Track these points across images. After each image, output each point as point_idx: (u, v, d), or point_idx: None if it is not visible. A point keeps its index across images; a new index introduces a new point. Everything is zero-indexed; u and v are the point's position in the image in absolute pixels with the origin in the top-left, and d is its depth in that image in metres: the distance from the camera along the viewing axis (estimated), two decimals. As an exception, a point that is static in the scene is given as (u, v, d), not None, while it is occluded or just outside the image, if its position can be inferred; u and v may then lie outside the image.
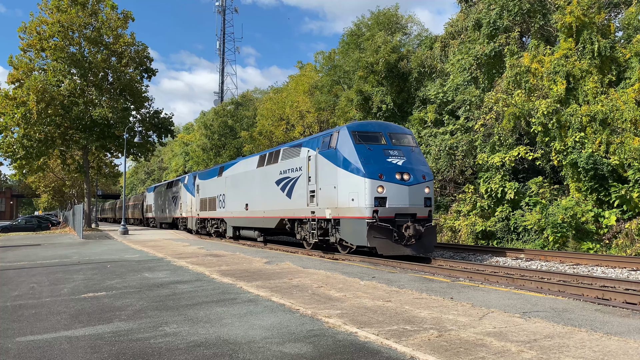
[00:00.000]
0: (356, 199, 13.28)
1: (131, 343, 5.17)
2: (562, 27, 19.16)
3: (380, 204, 13.07)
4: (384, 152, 13.74)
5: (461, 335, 5.28)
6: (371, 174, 13.10)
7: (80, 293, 8.44)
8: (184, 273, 10.89)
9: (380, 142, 14.04)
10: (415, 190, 13.51)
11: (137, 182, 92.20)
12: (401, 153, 13.89)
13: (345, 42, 34.68)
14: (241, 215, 21.36)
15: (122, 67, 34.12)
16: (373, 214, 12.97)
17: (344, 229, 13.97)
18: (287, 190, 17.01)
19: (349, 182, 13.56)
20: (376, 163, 13.37)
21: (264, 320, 6.07)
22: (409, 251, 13.21)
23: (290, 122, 39.07)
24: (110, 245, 20.94)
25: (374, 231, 12.92)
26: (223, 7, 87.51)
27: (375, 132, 14.30)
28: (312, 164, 15.39)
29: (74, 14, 31.66)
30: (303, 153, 16.24)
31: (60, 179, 56.38)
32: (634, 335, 5.31)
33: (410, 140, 14.75)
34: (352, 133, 13.97)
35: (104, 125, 32.46)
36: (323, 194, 14.75)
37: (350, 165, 13.55)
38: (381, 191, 13.08)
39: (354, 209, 13.40)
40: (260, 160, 20.10)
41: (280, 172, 17.60)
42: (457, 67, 23.53)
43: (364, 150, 13.58)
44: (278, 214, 17.82)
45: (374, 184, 13.02)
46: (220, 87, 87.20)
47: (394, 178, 13.27)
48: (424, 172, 13.95)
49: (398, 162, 13.60)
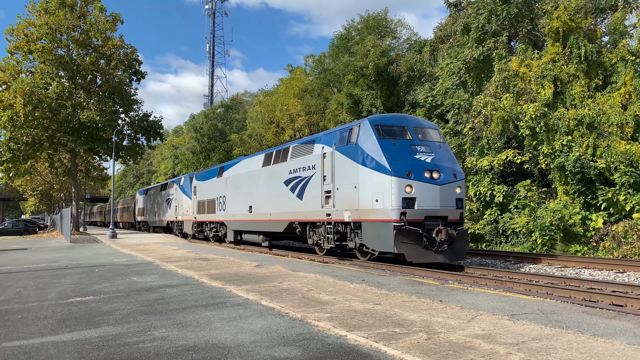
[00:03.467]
0: (381, 199, 12.05)
1: (119, 348, 5.13)
2: (550, 32, 19.38)
3: (408, 206, 11.84)
4: (411, 147, 12.44)
5: (450, 337, 5.31)
6: (398, 171, 11.84)
7: (68, 297, 8.36)
8: (172, 277, 10.83)
9: (406, 137, 12.76)
10: (447, 190, 12.29)
11: (126, 186, 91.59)
12: (429, 149, 12.63)
13: (335, 46, 34.78)
14: (244, 218, 20.16)
15: (110, 69, 33.87)
16: (400, 217, 11.74)
17: (366, 233, 12.73)
18: (297, 190, 15.77)
19: (372, 181, 12.33)
20: (403, 160, 12.08)
21: (253, 324, 6.05)
22: (440, 258, 11.93)
23: (281, 126, 39.05)
24: (99, 249, 20.76)
25: (402, 236, 11.66)
26: (213, 10, 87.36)
27: (400, 126, 13.05)
28: (328, 161, 14.16)
29: (62, 16, 31.39)
30: (317, 150, 14.91)
31: (48, 182, 55.85)
32: (620, 336, 5.37)
33: (437, 135, 13.51)
34: (375, 127, 12.71)
35: (93, 128, 32.17)
36: (341, 195, 13.55)
37: (374, 162, 12.29)
38: (409, 191, 11.84)
39: (378, 211, 12.19)
40: (266, 159, 18.74)
41: (290, 171, 16.32)
42: (446, 71, 23.67)
43: (388, 145, 12.31)
44: (287, 217, 16.57)
45: (401, 183, 11.79)
46: (210, 90, 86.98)
47: (423, 176, 12.02)
48: (455, 170, 12.74)
49: (426, 158, 12.31)
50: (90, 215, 78.55)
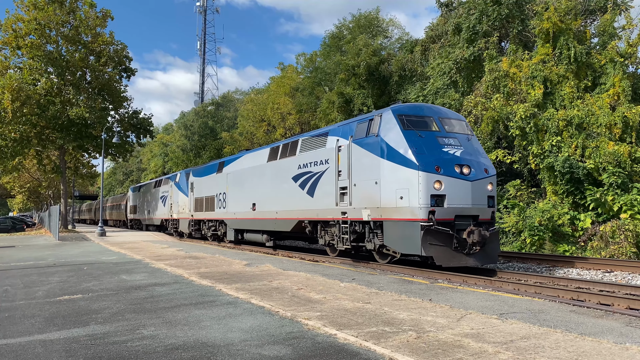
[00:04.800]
0: (406, 196, 11.03)
1: (107, 346, 5.09)
2: (540, 33, 19.52)
3: (437, 203, 10.83)
4: (438, 140, 11.45)
5: (439, 336, 5.33)
6: (426, 166, 10.83)
7: (56, 296, 8.29)
8: (162, 275, 10.77)
9: (431, 128, 11.75)
10: (478, 187, 11.32)
11: (116, 183, 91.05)
12: (457, 141, 11.66)
13: (327, 45, 34.78)
14: (246, 216, 19.09)
15: (100, 66, 33.59)
16: (429, 216, 10.73)
17: (388, 233, 11.69)
18: (308, 187, 14.81)
19: (396, 176, 11.32)
20: (431, 153, 11.09)
21: (243, 323, 6.04)
22: (471, 261, 10.96)
23: (272, 124, 39.00)
24: (87, 247, 20.61)
25: (431, 237, 10.65)
26: (204, 8, 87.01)
27: (425, 117, 12.01)
28: (344, 155, 13.16)
29: (52, 12, 31.07)
30: (330, 143, 13.92)
31: (36, 180, 55.30)
32: (607, 335, 5.42)
33: (464, 127, 12.52)
34: (399, 117, 11.71)
35: (82, 125, 31.91)
36: (359, 192, 12.52)
37: (399, 156, 11.26)
38: (438, 187, 10.83)
39: (403, 210, 11.16)
40: (271, 153, 17.63)
41: (299, 166, 15.36)
42: (437, 71, 23.76)
43: (414, 137, 11.31)
44: (296, 215, 15.54)
45: (429, 178, 10.78)
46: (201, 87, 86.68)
47: (453, 171, 11.03)
48: (486, 165, 11.80)
49: (456, 152, 11.34)
50: (80, 213, 77.93)
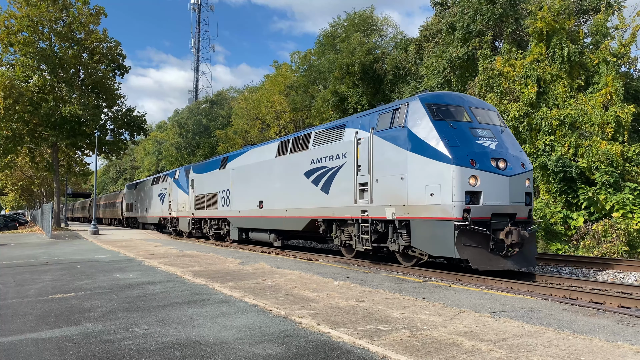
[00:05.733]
0: (438, 193, 10.13)
1: (100, 345, 5.07)
2: (534, 32, 19.59)
3: (472, 201, 9.96)
4: (471, 131, 10.59)
5: (433, 334, 5.34)
6: (460, 159, 9.94)
7: (48, 294, 8.25)
8: (155, 274, 10.74)
9: (463, 119, 10.89)
10: (516, 183, 10.47)
11: (109, 181, 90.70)
12: (491, 133, 10.80)
13: (322, 43, 34.77)
14: (252, 214, 18.13)
15: (93, 63, 33.43)
16: (463, 214, 9.83)
17: (417, 233, 10.75)
18: (322, 183, 13.92)
19: (426, 170, 10.42)
20: (464, 146, 10.21)
21: (236, 321, 6.03)
22: (509, 264, 10.10)
23: (266, 122, 38.95)
24: (80, 245, 20.51)
25: (466, 237, 9.78)
26: (198, 5, 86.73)
27: (456, 106, 11.15)
28: (364, 148, 12.22)
29: (44, 9, 30.87)
30: (348, 135, 13.00)
31: (29, 177, 55.01)
32: (599, 334, 5.46)
33: (497, 118, 11.69)
34: (428, 106, 10.82)
35: (75, 122, 31.73)
36: (382, 188, 11.59)
37: (429, 149, 10.36)
38: (474, 183, 9.94)
39: (433, 207, 10.24)
40: (281, 148, 16.63)
41: (312, 160, 14.46)
42: (431, 70, 23.80)
43: (445, 128, 10.42)
44: (308, 214, 14.63)
45: (464, 173, 9.89)
46: (195, 85, 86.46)
47: (489, 166, 10.15)
48: (522, 159, 10.95)
49: (490, 144, 10.50)
50: (73, 211, 77.55)
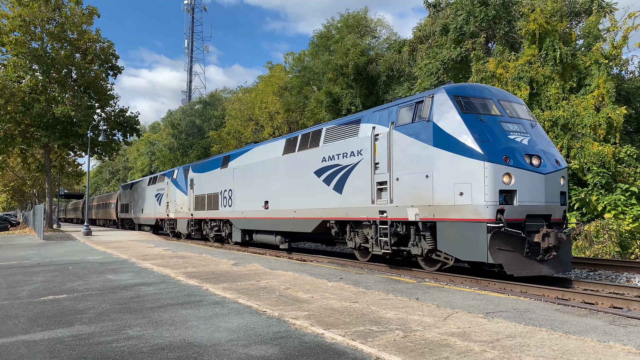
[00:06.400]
0: (468, 192, 9.40)
1: (92, 347, 5.04)
2: (526, 34, 19.68)
3: (506, 201, 9.24)
4: (502, 125, 9.86)
5: (426, 335, 5.35)
6: (493, 155, 9.19)
7: (40, 296, 8.19)
8: (148, 275, 10.70)
9: (492, 112, 10.14)
10: (551, 181, 9.75)
11: (102, 182, 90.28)
12: (522, 128, 10.09)
13: (315, 44, 34.75)
14: (257, 215, 17.40)
15: (86, 64, 33.26)
16: (497, 215, 9.09)
17: (444, 236, 10.00)
18: (335, 182, 13.20)
19: (455, 168, 9.69)
20: (496, 141, 9.49)
21: (230, 323, 6.02)
22: (545, 269, 9.36)
23: (260, 123, 38.90)
24: (73, 246, 20.40)
25: (500, 240, 9.03)
26: (192, 6, 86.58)
27: (485, 98, 10.41)
28: (382, 144, 11.46)
29: (37, 9, 30.69)
30: (364, 131, 12.26)
31: (21, 178, 54.65)
32: (591, 334, 5.49)
33: (526, 112, 10.93)
34: (455, 98, 10.10)
35: (67, 123, 31.56)
36: (403, 187, 10.84)
37: (458, 144, 9.62)
38: (508, 181, 9.21)
39: (463, 208, 9.49)
40: (288, 145, 15.92)
41: (324, 158, 13.76)
42: (424, 71, 23.84)
43: (475, 122, 9.72)
44: (319, 214, 13.88)
45: (497, 170, 9.14)
46: (189, 86, 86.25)
47: (524, 163, 9.42)
48: (556, 156, 10.18)
49: (523, 140, 9.78)
50: (66, 212, 77.10)
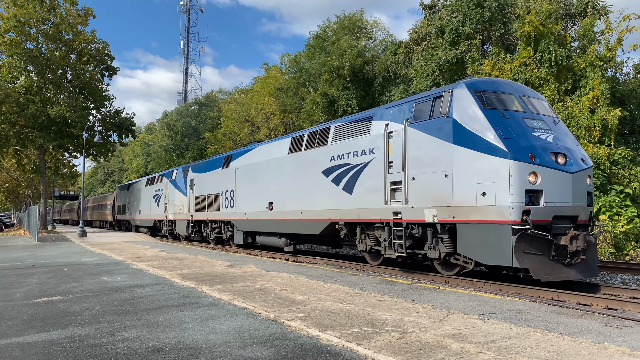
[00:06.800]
0: (491, 192, 8.90)
1: (87, 349, 5.02)
2: (522, 36, 19.76)
3: (531, 201, 8.74)
4: (525, 122, 9.42)
5: (422, 337, 5.35)
6: (518, 153, 8.70)
7: (34, 297, 8.15)
8: (143, 276, 10.66)
9: (514, 108, 9.69)
10: (578, 180, 9.27)
11: (97, 183, 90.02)
12: (545, 124, 9.61)
13: (311, 46, 34.78)
14: (260, 217, 16.87)
15: (81, 64, 33.16)
16: (523, 217, 8.60)
17: (465, 239, 9.52)
18: (344, 182, 12.71)
19: (477, 166, 9.20)
20: (521, 138, 9.00)
21: (225, 324, 6.00)
22: (573, 274, 8.88)
23: (256, 124, 38.89)
24: (67, 247, 20.31)
25: (525, 243, 8.52)
26: (188, 7, 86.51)
27: (506, 93, 9.97)
28: (397, 142, 10.98)
29: (32, 9, 30.59)
30: (376, 128, 11.74)
31: (15, 179, 54.46)
32: (586, 335, 5.50)
33: (548, 108, 10.45)
34: (476, 93, 9.66)
35: (62, 124, 31.46)
36: (419, 187, 10.34)
37: (480, 141, 9.15)
38: (534, 181, 8.71)
39: (486, 209, 9.00)
40: (293, 144, 15.41)
41: (332, 157, 13.26)
42: (420, 73, 23.90)
43: (498, 118, 9.25)
44: (327, 216, 13.40)
45: (523, 169, 8.65)
46: (184, 87, 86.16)
47: (550, 161, 8.93)
48: (582, 154, 9.72)
49: (547, 137, 9.30)
50: (61, 213, 76.81)
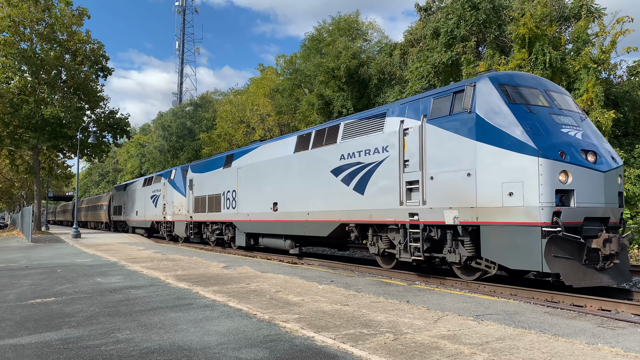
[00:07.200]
0: (519, 192, 8.35)
1: (81, 350, 4.99)
2: (516, 38, 19.83)
3: (562, 202, 8.23)
4: (553, 118, 8.91)
5: (416, 338, 5.36)
6: (548, 150, 8.18)
7: (28, 299, 8.11)
8: (138, 278, 10.63)
9: (539, 103, 9.18)
10: (610, 180, 8.77)
11: (91, 184, 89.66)
12: (573, 121, 9.12)
13: (307, 47, 34.79)
14: (264, 218, 16.35)
15: (76, 65, 33.05)
16: (553, 218, 8.04)
17: (489, 242, 8.94)
18: (356, 182, 12.20)
19: (503, 164, 8.66)
20: (550, 135, 8.50)
21: (220, 326, 5.99)
22: (605, 279, 8.29)
23: (251, 125, 38.86)
24: (61, 249, 20.22)
25: (556, 247, 7.96)
26: (183, 8, 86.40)
27: (531, 88, 9.46)
28: (413, 139, 10.46)
29: (26, 9, 30.47)
30: (391, 125, 11.23)
31: (9, 180, 54.10)
32: (580, 336, 5.52)
33: (574, 104, 9.93)
34: (500, 87, 9.17)
35: (56, 124, 31.34)
36: (438, 186, 9.83)
37: (507, 138, 8.62)
38: (564, 180, 8.21)
39: (513, 210, 8.44)
40: (300, 142, 14.86)
41: (342, 156, 12.73)
42: (415, 75, 23.94)
43: (524, 113, 8.75)
44: (337, 217, 12.88)
45: (554, 167, 8.14)
46: (180, 88, 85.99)
47: (581, 159, 8.41)
48: (611, 153, 9.21)
49: (576, 134, 8.81)
50: (55, 214, 76.46)
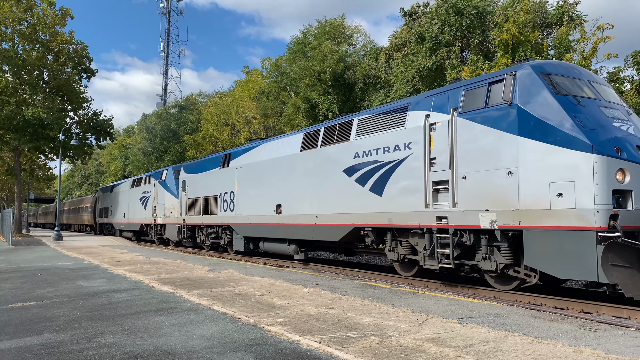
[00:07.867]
0: (570, 192, 7.48)
1: (62, 355, 4.92)
2: (500, 44, 20.07)
3: (619, 204, 7.40)
4: (602, 111, 8.10)
5: (401, 341, 5.38)
6: (602, 146, 7.34)
7: (8, 303, 7.97)
8: (121, 281, 10.51)
9: (585, 95, 8.33)
10: None
11: (74, 186, 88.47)
12: (621, 114, 8.34)
13: (293, 50, 34.81)
14: (266, 221, 15.42)
15: (59, 66, 32.61)
16: (610, 222, 7.19)
17: (534, 248, 8.03)
18: (372, 182, 11.29)
19: (550, 162, 7.78)
20: (602, 129, 7.67)
21: (204, 330, 5.95)
22: None
23: (236, 128, 38.73)
24: (42, 252, 19.91)
25: (614, 254, 7.01)
26: (168, 9, 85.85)
27: (575, 79, 8.61)
28: (441, 135, 9.60)
29: (7, 9, 30.01)
30: (414, 120, 10.33)
31: (-12, 182, 53.18)
32: (562, 338, 5.59)
33: (618, 97, 9.13)
34: (544, 77, 8.32)
35: (38, 126, 30.87)
36: (472, 187, 8.97)
37: (554, 132, 7.76)
38: (621, 179, 7.35)
39: (563, 213, 7.57)
40: (307, 140, 13.93)
41: (357, 154, 11.82)
42: (400, 79, 24.08)
43: (572, 105, 7.91)
44: (350, 220, 11.98)
45: (610, 164, 7.28)
46: (164, 89, 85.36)
47: (637, 156, 7.58)
48: None
49: (628, 128, 8.00)
50: (37, 216, 75.33)
